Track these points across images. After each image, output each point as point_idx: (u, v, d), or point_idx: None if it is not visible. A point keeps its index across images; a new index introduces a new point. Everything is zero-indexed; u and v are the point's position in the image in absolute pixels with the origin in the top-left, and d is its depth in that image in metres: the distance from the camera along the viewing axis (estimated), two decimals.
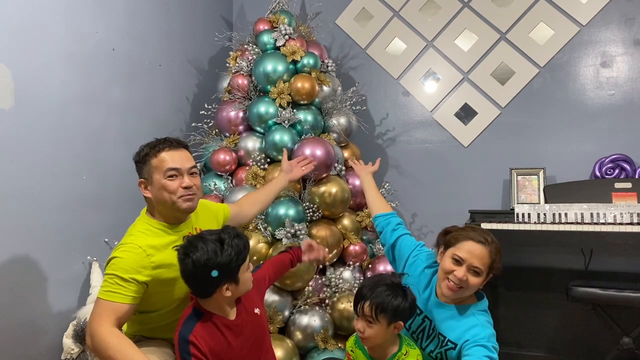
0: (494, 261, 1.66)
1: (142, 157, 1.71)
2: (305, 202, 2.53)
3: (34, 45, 2.16)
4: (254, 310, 1.66)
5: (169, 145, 1.71)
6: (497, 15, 3.10)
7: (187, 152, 1.75)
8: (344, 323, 2.41)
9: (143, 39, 2.80)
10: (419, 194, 3.19)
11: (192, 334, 1.50)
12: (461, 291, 1.64)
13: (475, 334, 1.61)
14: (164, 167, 1.66)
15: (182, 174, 1.68)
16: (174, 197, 1.66)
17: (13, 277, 2.07)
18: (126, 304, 1.55)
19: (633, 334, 2.46)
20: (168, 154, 1.69)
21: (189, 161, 1.72)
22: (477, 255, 1.63)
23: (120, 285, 1.54)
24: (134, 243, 1.62)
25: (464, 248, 1.64)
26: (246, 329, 1.61)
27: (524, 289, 2.92)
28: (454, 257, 1.65)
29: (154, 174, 1.68)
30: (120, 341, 1.47)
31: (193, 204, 1.70)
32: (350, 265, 2.59)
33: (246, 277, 1.57)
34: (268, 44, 2.81)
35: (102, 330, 1.48)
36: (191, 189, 1.68)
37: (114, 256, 1.60)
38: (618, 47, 2.87)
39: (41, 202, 2.19)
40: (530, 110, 3.02)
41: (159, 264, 1.62)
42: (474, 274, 1.63)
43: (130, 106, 2.70)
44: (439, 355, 1.71)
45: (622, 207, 2.47)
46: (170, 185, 1.66)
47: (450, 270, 1.64)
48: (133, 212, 2.63)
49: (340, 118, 2.80)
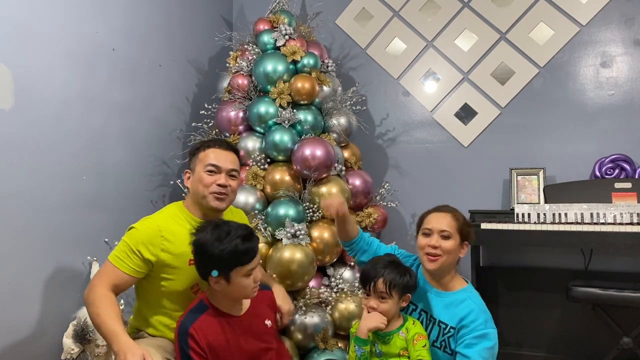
0: (462, 224, 1.79)
1: (194, 149, 1.84)
2: (305, 202, 2.53)
3: (34, 45, 2.16)
4: (265, 320, 1.68)
5: (219, 144, 1.82)
6: (497, 15, 3.10)
7: (234, 155, 1.84)
8: (344, 323, 2.41)
9: (143, 39, 2.80)
10: (419, 194, 3.19)
11: (194, 326, 1.54)
12: (441, 259, 1.75)
13: (473, 320, 1.69)
14: (206, 162, 1.77)
15: (221, 172, 1.76)
16: (206, 191, 1.74)
17: (13, 277, 2.07)
18: (127, 274, 1.66)
19: (633, 334, 2.46)
20: (214, 151, 1.79)
21: (232, 164, 1.81)
22: (441, 222, 1.77)
23: (127, 255, 1.66)
24: (154, 220, 1.74)
25: (429, 220, 1.81)
26: (249, 331, 1.61)
27: (524, 289, 2.92)
28: (424, 232, 1.80)
29: (197, 166, 1.78)
30: (107, 307, 1.58)
31: (222, 204, 1.77)
32: (350, 265, 2.59)
33: (242, 282, 1.56)
34: (268, 44, 2.81)
35: (99, 290, 1.62)
36: (225, 189, 1.75)
37: (133, 226, 1.73)
38: (618, 47, 2.87)
39: (41, 202, 2.19)
40: (530, 110, 3.02)
41: (168, 249, 1.69)
42: (444, 239, 1.75)
43: (130, 106, 2.70)
44: (443, 343, 1.75)
45: (622, 207, 2.47)
46: (206, 178, 1.75)
47: (425, 244, 1.77)
48: (133, 212, 2.65)
49: (340, 118, 2.80)
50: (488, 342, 1.67)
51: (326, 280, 2.55)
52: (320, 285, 2.53)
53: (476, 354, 1.65)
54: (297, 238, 2.39)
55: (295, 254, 2.33)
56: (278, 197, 2.52)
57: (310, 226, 2.52)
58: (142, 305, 1.80)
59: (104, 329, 1.55)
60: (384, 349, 1.71)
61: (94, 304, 1.60)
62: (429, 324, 1.79)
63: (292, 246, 2.36)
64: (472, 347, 1.66)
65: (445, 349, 1.75)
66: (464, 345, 1.68)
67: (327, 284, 2.54)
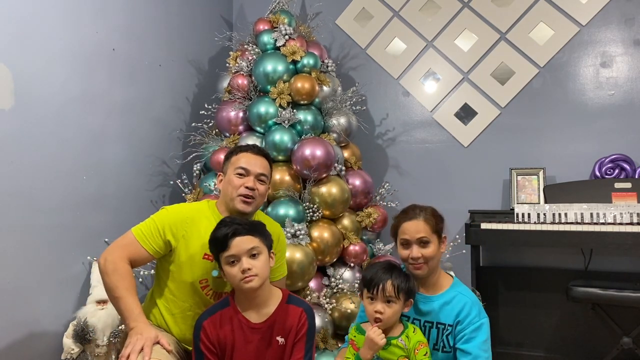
0: (435, 224, 1.78)
1: (228, 153, 1.89)
2: (305, 202, 2.53)
3: (34, 45, 2.17)
4: (278, 336, 1.62)
5: (252, 150, 1.87)
6: (497, 15, 3.10)
7: (265, 161, 1.87)
8: (344, 323, 2.41)
9: (143, 39, 2.80)
10: (418, 194, 3.18)
11: (207, 320, 1.59)
12: (426, 265, 1.75)
13: (467, 314, 1.71)
14: (237, 165, 1.81)
15: (250, 175, 1.80)
16: (234, 193, 1.78)
17: (13, 277, 2.07)
18: (145, 250, 1.69)
19: (633, 334, 2.46)
20: (246, 155, 1.83)
21: (263, 168, 1.84)
22: (416, 229, 1.75)
23: (152, 233, 1.71)
24: (185, 208, 1.83)
25: (403, 230, 1.78)
26: (259, 341, 1.60)
27: (524, 289, 2.92)
28: (402, 243, 1.79)
29: (229, 169, 1.83)
30: (125, 280, 1.61)
31: (248, 207, 1.79)
32: (350, 265, 2.60)
33: (227, 270, 1.58)
34: (268, 44, 2.81)
35: (118, 260, 1.64)
36: (252, 192, 1.79)
37: (164, 207, 1.80)
38: (618, 47, 2.87)
39: (41, 202, 2.19)
40: (530, 110, 3.02)
41: (189, 237, 1.73)
42: (424, 245, 1.75)
43: (130, 106, 2.70)
44: (441, 343, 1.75)
45: (622, 207, 2.47)
46: (235, 181, 1.78)
47: (406, 255, 1.77)
48: (133, 212, 2.65)
49: (340, 118, 2.80)
50: (484, 334, 1.70)
51: (326, 280, 2.56)
52: (321, 285, 2.54)
53: (476, 348, 1.67)
54: (297, 238, 2.39)
55: (295, 254, 2.33)
56: (278, 197, 2.53)
57: (310, 226, 2.52)
58: (155, 289, 1.83)
59: (122, 303, 1.57)
60: (383, 355, 1.70)
61: (113, 274, 1.61)
62: (424, 330, 1.78)
63: (292, 246, 2.36)
64: (471, 342, 1.68)
65: (444, 349, 1.75)
66: (463, 340, 1.69)
67: (327, 284, 2.54)
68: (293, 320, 1.64)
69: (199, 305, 1.75)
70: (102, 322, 2.21)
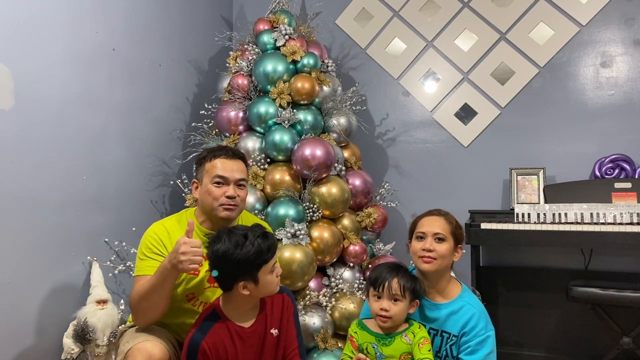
0: (455, 227, 1.80)
1: (200, 159, 1.80)
2: (305, 202, 2.53)
3: (34, 45, 2.17)
4: (271, 329, 1.64)
5: (225, 153, 1.78)
6: (497, 15, 3.10)
7: (241, 163, 1.80)
8: (344, 323, 2.41)
9: (143, 39, 2.80)
10: (418, 194, 3.19)
11: (205, 340, 1.50)
12: (436, 262, 1.74)
13: (474, 325, 1.70)
14: (213, 173, 1.73)
15: (229, 183, 1.74)
16: (215, 203, 1.72)
17: (13, 277, 2.07)
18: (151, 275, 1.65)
19: (633, 334, 2.46)
20: (221, 161, 1.75)
21: (240, 173, 1.77)
22: (435, 225, 1.78)
23: (148, 259, 1.68)
24: (163, 225, 1.76)
25: (422, 224, 1.81)
26: (257, 343, 1.60)
27: (524, 289, 2.92)
28: (417, 236, 1.80)
29: (204, 177, 1.76)
30: (143, 290, 1.61)
31: (232, 214, 1.75)
32: (350, 265, 2.60)
33: (268, 279, 1.55)
34: (268, 44, 2.81)
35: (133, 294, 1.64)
36: (234, 200, 1.73)
37: (142, 239, 1.74)
38: (618, 47, 2.87)
39: (41, 202, 2.19)
40: (530, 110, 3.02)
41: None
42: (439, 241, 1.76)
43: (130, 106, 2.70)
44: (445, 352, 1.74)
45: (622, 207, 2.47)
46: (214, 191, 1.72)
47: (419, 247, 1.77)
48: (133, 212, 2.65)
49: (340, 118, 2.80)
50: (489, 347, 1.68)
51: (326, 280, 2.56)
52: (320, 285, 2.54)
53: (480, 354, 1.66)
54: (297, 238, 2.39)
55: (295, 254, 2.33)
56: (278, 197, 2.53)
57: (310, 226, 2.52)
58: None
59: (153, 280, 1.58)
60: (385, 352, 1.70)
61: (138, 299, 1.62)
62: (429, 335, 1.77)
63: (292, 246, 2.36)
64: (475, 354, 1.67)
65: (446, 358, 1.74)
66: (467, 352, 1.68)
67: (327, 284, 2.54)
68: (278, 307, 1.68)
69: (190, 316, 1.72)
70: (102, 322, 2.21)
